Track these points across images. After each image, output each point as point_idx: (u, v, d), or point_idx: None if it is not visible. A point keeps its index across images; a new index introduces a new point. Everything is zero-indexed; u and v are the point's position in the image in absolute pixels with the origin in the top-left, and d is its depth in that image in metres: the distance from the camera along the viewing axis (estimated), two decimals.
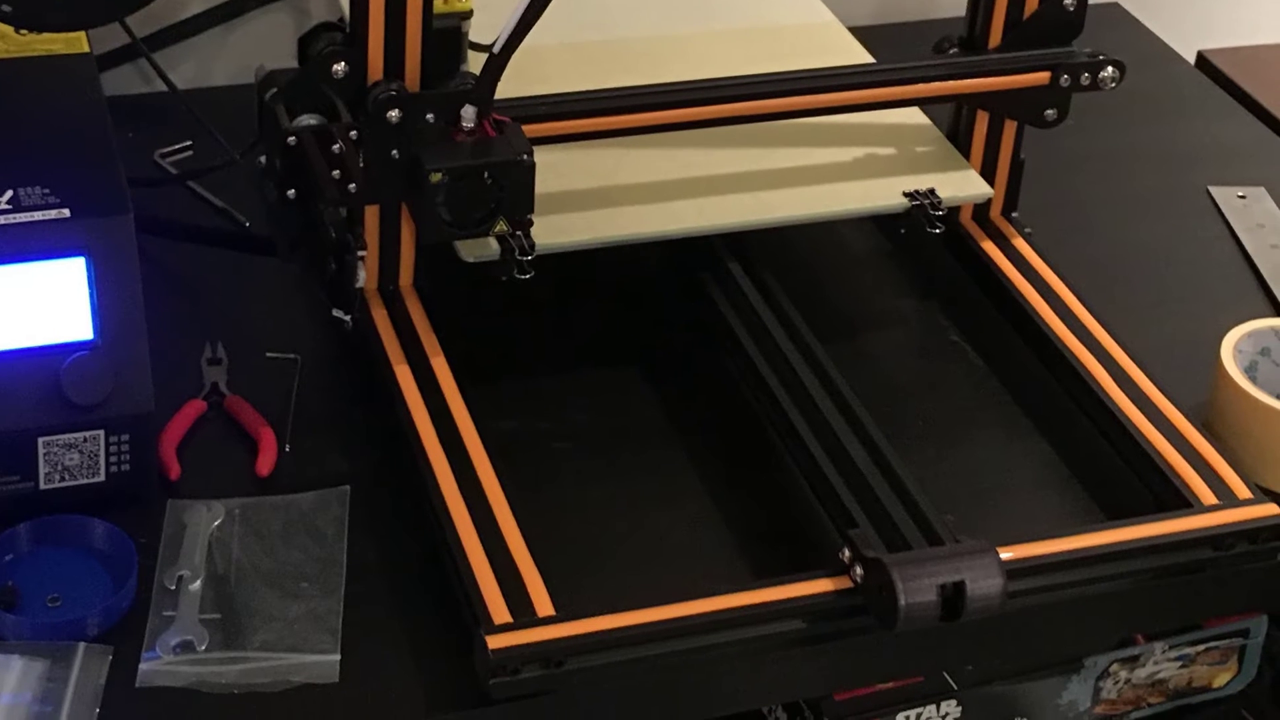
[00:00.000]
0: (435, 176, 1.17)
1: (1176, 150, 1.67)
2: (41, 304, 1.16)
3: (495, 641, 1.07)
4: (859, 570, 1.13)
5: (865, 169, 1.40)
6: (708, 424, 1.32)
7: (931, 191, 1.37)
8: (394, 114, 1.18)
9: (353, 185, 1.20)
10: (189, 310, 1.38)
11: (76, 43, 1.36)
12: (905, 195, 1.37)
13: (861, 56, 1.51)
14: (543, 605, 1.10)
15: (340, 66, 1.19)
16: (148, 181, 1.48)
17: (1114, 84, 1.40)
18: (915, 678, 1.31)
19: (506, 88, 1.20)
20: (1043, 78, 1.39)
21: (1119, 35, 1.80)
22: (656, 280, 1.43)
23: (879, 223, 1.50)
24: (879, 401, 1.28)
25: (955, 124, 1.44)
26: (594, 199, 1.34)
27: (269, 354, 1.34)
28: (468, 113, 1.19)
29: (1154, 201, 1.60)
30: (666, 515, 1.24)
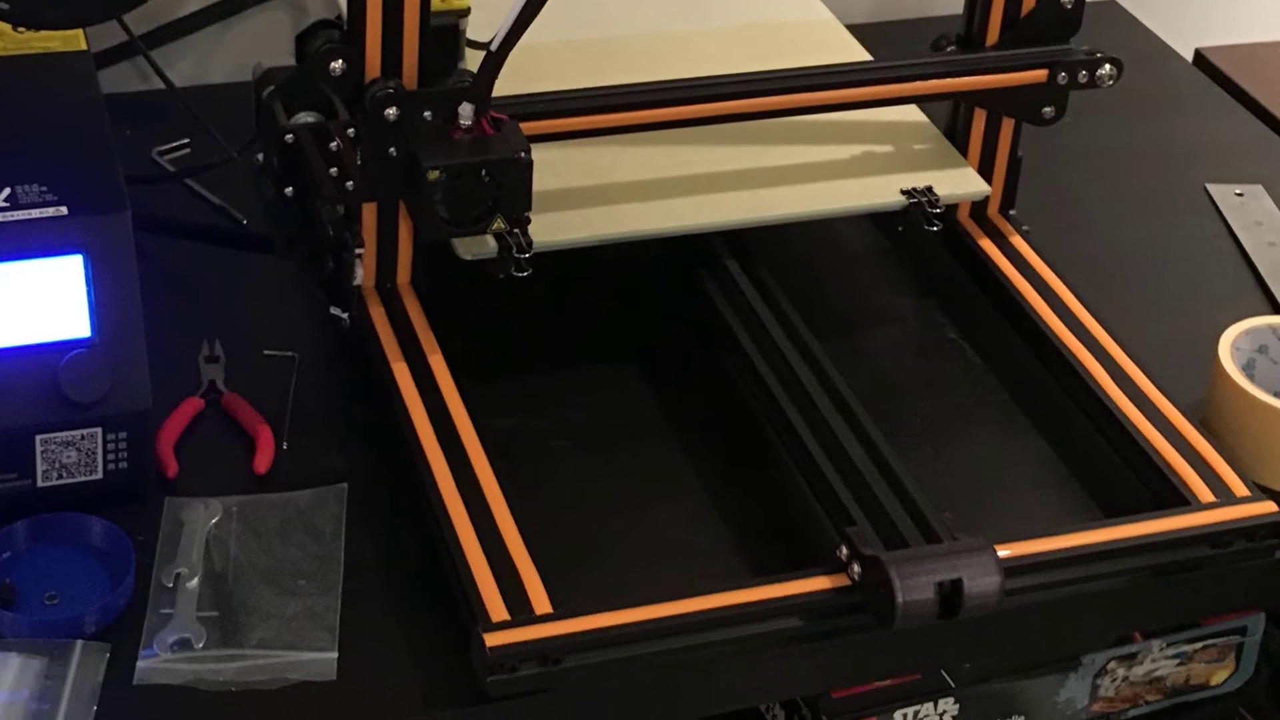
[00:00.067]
0: (433, 174, 1.17)
1: (1174, 148, 1.67)
2: (39, 301, 1.16)
3: (493, 639, 1.07)
4: (856, 568, 1.13)
5: (863, 167, 1.40)
6: (705, 422, 1.32)
7: (929, 189, 1.37)
8: (391, 111, 1.18)
9: (350, 183, 1.19)
10: (186, 308, 1.37)
11: (74, 40, 1.35)
12: (903, 193, 1.37)
13: (859, 54, 1.51)
14: (540, 603, 1.10)
15: (338, 64, 1.19)
16: (145, 179, 1.48)
17: (1112, 82, 1.40)
18: (913, 675, 1.31)
19: (504, 85, 1.20)
20: (1040, 75, 1.39)
21: (1117, 33, 1.80)
22: (654, 278, 1.43)
23: (876, 220, 1.50)
24: (876, 399, 1.28)
25: (953, 122, 1.44)
26: (592, 196, 1.34)
27: (266, 351, 1.34)
28: (465, 110, 1.19)
29: (1152, 199, 1.60)
30: (664, 513, 1.24)
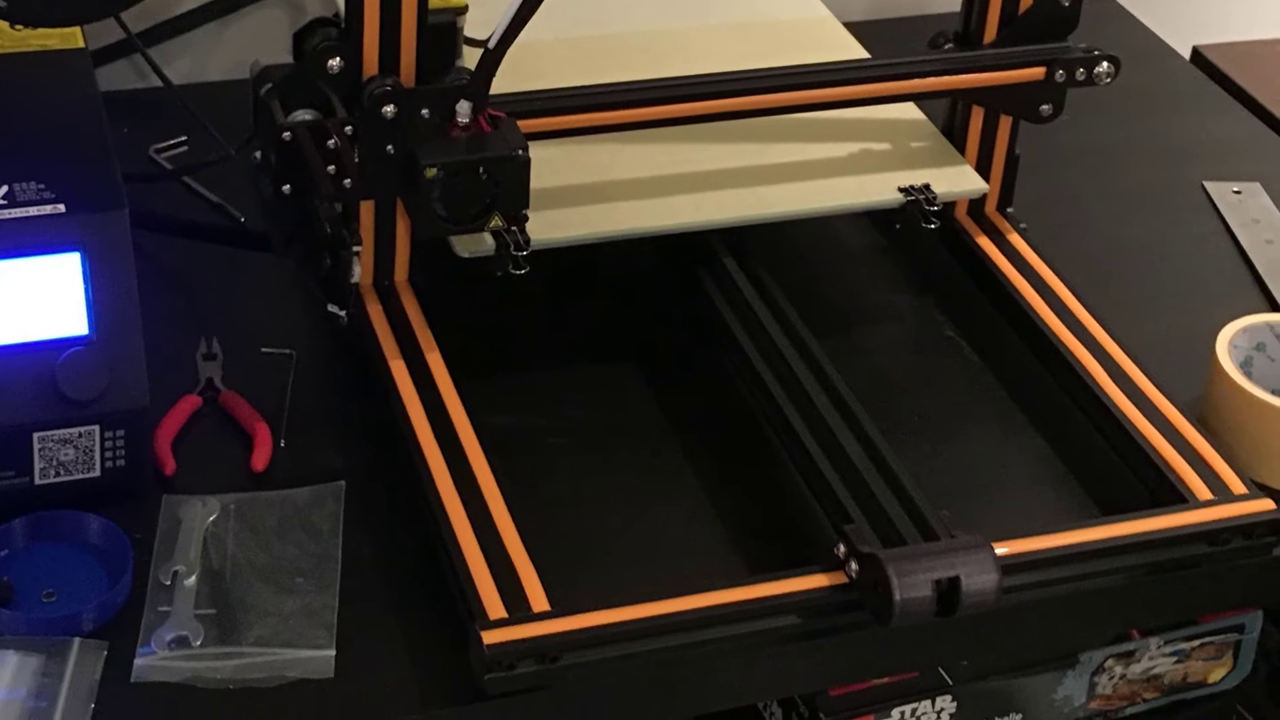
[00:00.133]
0: (430, 172, 1.17)
1: (1172, 145, 1.67)
2: (36, 299, 1.16)
3: (490, 637, 1.07)
4: (854, 566, 1.12)
5: (861, 164, 1.40)
6: (703, 420, 1.32)
7: (927, 187, 1.37)
8: (389, 109, 1.18)
9: (348, 180, 1.19)
10: (184, 305, 1.37)
11: (71, 38, 1.35)
12: (900, 190, 1.37)
13: (857, 52, 1.51)
14: (538, 601, 1.10)
15: (335, 62, 1.19)
16: (143, 177, 1.48)
17: (1109, 79, 1.40)
18: (910, 673, 1.31)
19: (502, 83, 1.20)
20: (1038, 73, 1.39)
21: (1114, 31, 1.80)
22: (652, 276, 1.42)
23: (874, 218, 1.50)
24: (874, 397, 1.28)
25: (950, 119, 1.44)
26: (589, 194, 1.34)
27: (264, 349, 1.34)
28: (463, 108, 1.19)
29: (1149, 197, 1.60)
30: (662, 511, 1.24)
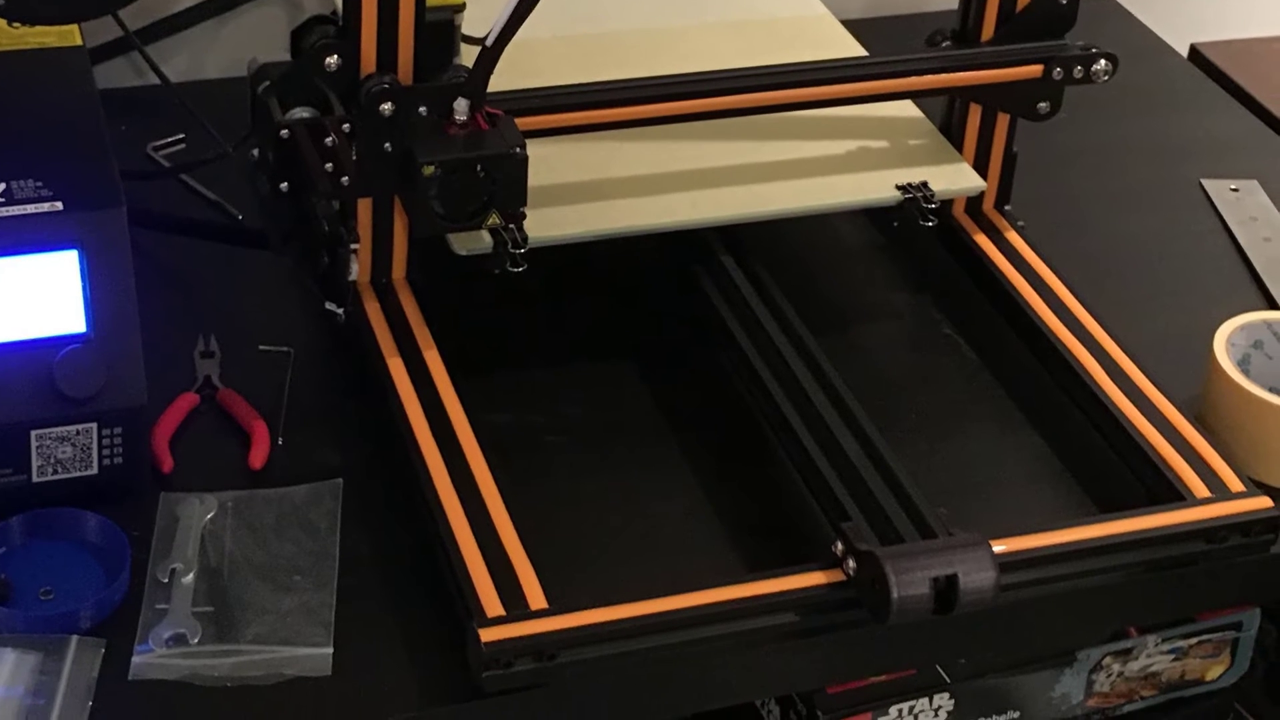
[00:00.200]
0: (428, 169, 1.17)
1: (1169, 143, 1.67)
2: (34, 297, 1.16)
3: (488, 635, 1.07)
4: (852, 563, 1.13)
5: (858, 162, 1.40)
6: (701, 417, 1.32)
7: (924, 184, 1.37)
8: (387, 107, 1.18)
9: (345, 178, 1.19)
10: (181, 303, 1.37)
11: (69, 35, 1.35)
12: (898, 188, 1.37)
13: (854, 50, 1.51)
14: (535, 598, 1.10)
15: (333, 59, 1.19)
16: (140, 174, 1.48)
17: (1107, 77, 1.40)
18: (908, 671, 1.31)
19: (499, 81, 1.20)
20: (1035, 71, 1.39)
21: (1112, 28, 1.80)
22: (649, 273, 1.42)
23: (872, 216, 1.50)
24: (871, 395, 1.28)
25: (948, 117, 1.44)
26: (587, 192, 1.34)
27: (262, 347, 1.34)
28: (460, 106, 1.19)
29: (1147, 195, 1.60)
30: (659, 508, 1.24)
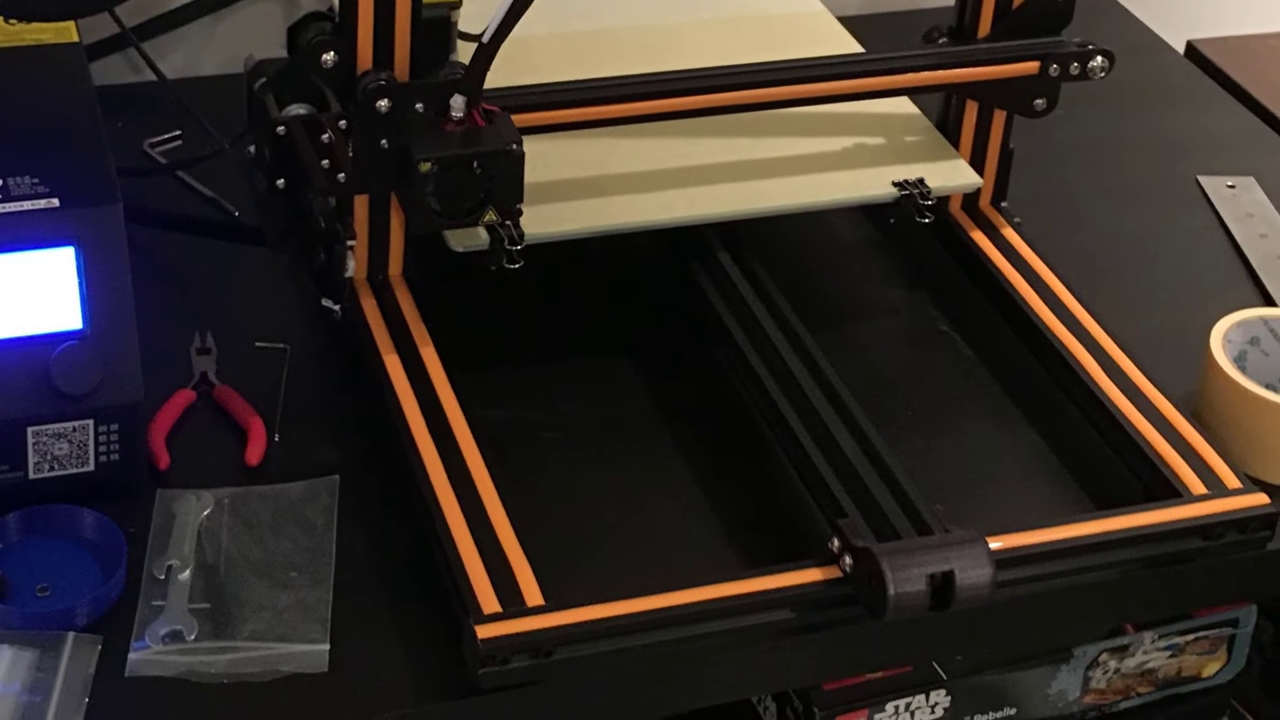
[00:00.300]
0: (424, 166, 1.17)
1: (1166, 140, 1.67)
2: (30, 293, 1.16)
3: (484, 631, 1.07)
4: (848, 560, 1.13)
5: (855, 159, 1.40)
6: (697, 414, 1.32)
7: (921, 181, 1.37)
8: (383, 103, 1.18)
9: (342, 175, 1.19)
10: (178, 300, 1.37)
11: (66, 32, 1.35)
12: (894, 185, 1.37)
13: (851, 46, 1.51)
14: (532, 595, 1.10)
15: (329, 56, 1.19)
16: (137, 171, 1.48)
17: (1103, 74, 1.40)
18: (904, 667, 1.31)
19: (496, 77, 1.20)
20: (1032, 67, 1.39)
21: (1108, 25, 1.80)
22: (646, 270, 1.42)
23: (868, 212, 1.50)
24: (868, 391, 1.28)
25: (944, 114, 1.44)
26: (583, 189, 1.34)
27: (258, 344, 1.33)
28: (457, 102, 1.19)
29: (1143, 191, 1.60)
30: (656, 505, 1.24)
